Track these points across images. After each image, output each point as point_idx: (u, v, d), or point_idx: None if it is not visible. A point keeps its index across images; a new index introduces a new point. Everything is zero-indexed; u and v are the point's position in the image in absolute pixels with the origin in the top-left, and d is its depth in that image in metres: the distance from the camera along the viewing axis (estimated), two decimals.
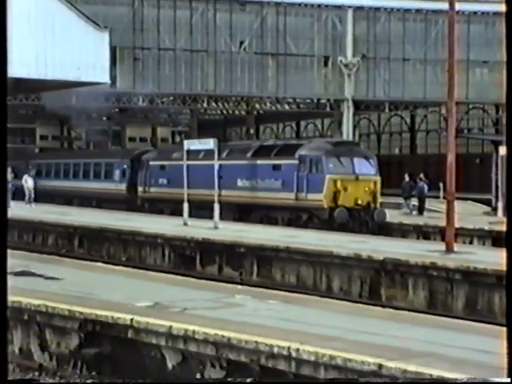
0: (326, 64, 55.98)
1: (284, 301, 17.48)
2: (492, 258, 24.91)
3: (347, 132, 55.56)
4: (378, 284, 24.93)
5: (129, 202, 49.71)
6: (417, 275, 24.27)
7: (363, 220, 38.25)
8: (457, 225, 29.83)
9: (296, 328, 13.91)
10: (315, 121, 72.54)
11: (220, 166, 41.50)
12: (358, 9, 55.88)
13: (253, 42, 54.59)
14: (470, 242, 34.92)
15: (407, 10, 56.39)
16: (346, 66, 55.58)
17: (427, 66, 54.33)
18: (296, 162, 40.36)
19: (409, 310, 19.51)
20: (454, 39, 27.81)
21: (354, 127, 59.42)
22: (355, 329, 14.21)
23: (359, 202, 38.55)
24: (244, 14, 54.49)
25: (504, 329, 13.65)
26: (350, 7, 55.68)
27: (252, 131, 71.29)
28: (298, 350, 12.24)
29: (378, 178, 40.33)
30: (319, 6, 55.52)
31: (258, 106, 60.59)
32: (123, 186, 53.06)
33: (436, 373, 10.98)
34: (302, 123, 74.53)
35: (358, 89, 56.24)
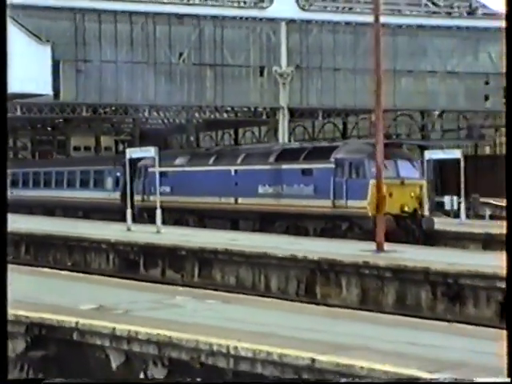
0: (261, 74, 56.16)
1: (223, 301, 17.54)
2: (420, 256, 25.26)
3: (283, 139, 55.76)
4: (313, 283, 25.04)
5: (123, 212, 44.75)
6: (350, 274, 24.43)
7: (410, 228, 34.21)
8: None
9: (234, 326, 13.96)
10: (252, 128, 72.61)
11: (235, 171, 40.16)
12: (290, 22, 56.19)
13: (191, 54, 54.68)
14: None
15: (337, 23, 56.86)
16: (280, 75, 55.80)
17: (357, 75, 54.70)
18: (332, 165, 35.82)
19: (342, 307, 19.70)
20: (380, 50, 28.09)
21: (290, 134, 59.62)
22: (291, 326, 14.30)
23: (405, 208, 34.49)
24: (182, 27, 54.53)
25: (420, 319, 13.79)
26: (283, 20, 55.96)
27: (192, 139, 71.39)
28: (236, 347, 12.29)
29: (424, 182, 36.62)
30: (254, 19, 55.74)
31: (197, 114, 60.65)
32: (117, 195, 48.54)
33: (366, 365, 11.10)
34: (240, 130, 74.51)
35: (293, 97, 56.48)
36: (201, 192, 40.96)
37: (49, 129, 77.50)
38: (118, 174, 48.48)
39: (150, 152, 36.04)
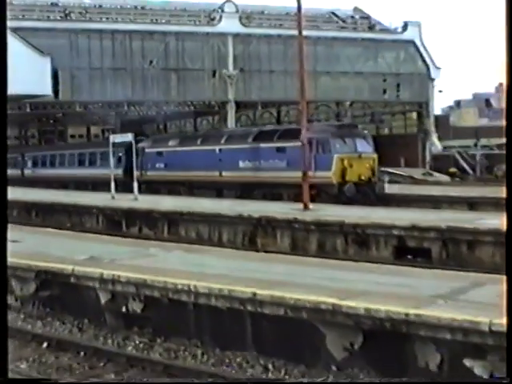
0: (214, 76, 55.98)
1: (186, 251, 17.55)
2: (338, 213, 25.33)
3: (231, 125, 55.74)
4: (255, 235, 25.07)
5: (125, 185, 42.97)
6: (283, 227, 24.49)
7: (366, 193, 33.13)
8: None
9: (195, 270, 14.00)
10: (207, 117, 72.40)
11: (220, 150, 38.77)
12: (235, 35, 56.08)
13: (159, 61, 54.43)
14: None
15: (271, 36, 56.87)
16: (228, 76, 55.66)
17: (287, 76, 54.59)
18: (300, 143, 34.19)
19: (277, 253, 19.79)
20: (304, 56, 28.22)
21: (236, 121, 59.49)
22: (238, 268, 14.36)
23: (362, 177, 33.45)
24: (152, 41, 54.30)
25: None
26: (229, 34, 55.91)
27: (161, 127, 71.12)
28: (195, 285, 12.35)
29: (376, 156, 35.26)
30: (207, 33, 55.60)
31: (165, 107, 60.58)
32: (119, 171, 45.39)
33: (295, 296, 11.18)
34: (198, 119, 74.21)
35: (238, 93, 56.38)
36: (190, 167, 39.74)
37: (51, 121, 77.00)
38: (120, 154, 46.22)
39: (128, 137, 35.80)
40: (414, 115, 64.21)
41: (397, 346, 10.09)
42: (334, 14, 63.18)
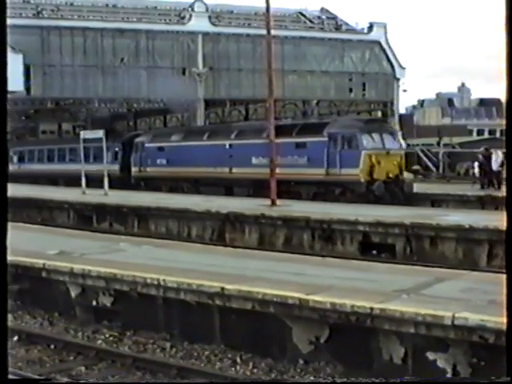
0: (183, 73, 55.78)
1: (155, 245, 17.50)
2: (303, 209, 25.38)
3: (200, 122, 55.60)
4: (223, 230, 25.04)
5: (122, 181, 40.87)
6: (251, 223, 24.48)
7: (394, 192, 30.59)
8: None
9: (164, 264, 13.95)
10: (177, 114, 72.17)
11: (230, 145, 35.76)
12: (205, 34, 55.91)
13: (130, 59, 54.15)
14: None
15: (240, 35, 56.80)
16: (198, 74, 55.48)
17: (255, 74, 54.54)
18: (325, 139, 31.73)
19: (245, 248, 19.78)
20: (272, 55, 28.19)
21: (205, 118, 59.33)
22: (207, 263, 14.32)
23: (390, 175, 30.76)
24: (123, 39, 53.96)
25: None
26: (199, 33, 55.71)
27: (131, 123, 70.81)
28: (164, 280, 12.30)
29: (403, 152, 33.46)
30: (177, 32, 55.36)
31: (135, 105, 60.33)
32: (116, 167, 43.15)
33: (261, 290, 11.18)
34: (168, 116, 73.96)
35: (207, 91, 56.25)
36: (196, 163, 36.76)
37: (23, 118, 76.32)
38: (117, 149, 43.99)
39: (99, 134, 35.53)
40: (379, 114, 64.46)
41: (362, 340, 10.12)
42: (301, 14, 63.25)
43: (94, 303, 13.40)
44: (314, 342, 10.67)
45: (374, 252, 21.11)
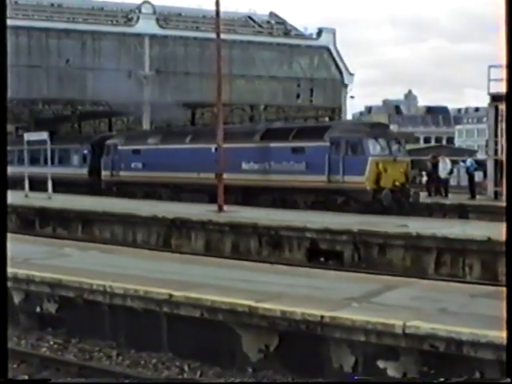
0: (130, 76, 55.50)
1: (101, 251, 17.34)
2: (251, 215, 25.37)
3: (146, 126, 55.38)
4: (169, 236, 24.91)
5: (90, 186, 39.04)
6: (197, 229, 24.39)
7: (400, 201, 28.74)
8: None
9: (110, 270, 13.84)
10: (122, 117, 71.73)
11: (216, 149, 31.51)
12: (152, 36, 55.70)
13: (76, 60, 53.71)
14: None
15: (187, 38, 56.73)
16: (144, 77, 55.29)
17: (203, 78, 54.50)
18: (326, 144, 29.66)
19: (192, 254, 19.71)
20: (220, 59, 28.18)
21: (151, 122, 59.06)
22: (154, 269, 14.24)
23: (396, 183, 28.82)
24: (69, 40, 53.51)
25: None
26: (146, 35, 55.49)
27: (76, 126, 70.19)
28: (111, 286, 12.19)
29: (409, 160, 31.95)
30: (124, 33, 55.08)
31: (80, 107, 59.85)
32: (84, 171, 41.34)
33: (210, 297, 11.13)
34: (113, 119, 73.45)
35: (153, 94, 56.02)
36: (176, 168, 34.51)
37: None
38: (85, 151, 42.01)
39: (42, 136, 35.15)
40: (327, 120, 64.87)
41: (312, 348, 10.13)
42: (250, 18, 63.38)
43: (38, 310, 13.21)
44: (263, 350, 10.65)
45: (322, 259, 21.18)
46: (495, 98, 33.30)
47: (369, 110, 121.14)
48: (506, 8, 4.00)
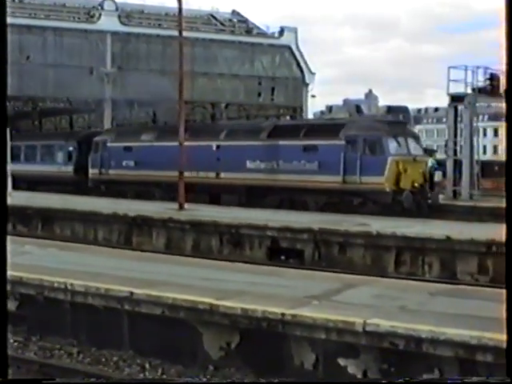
0: (91, 73, 55.17)
1: (61, 248, 17.24)
2: (212, 213, 25.33)
3: (107, 123, 55.08)
4: (130, 234, 24.81)
5: (76, 184, 37.01)
6: (158, 227, 24.32)
7: (419, 203, 27.54)
8: None
9: (71, 268, 13.76)
10: (84, 115, 71.27)
11: (218, 147, 31.68)
12: (114, 33, 55.47)
13: (37, 57, 53.29)
14: None
15: (150, 35, 56.60)
16: (106, 74, 54.99)
17: (165, 76, 54.37)
18: (341, 142, 28.04)
19: (153, 252, 19.64)
20: (183, 57, 28.17)
21: (112, 119, 58.75)
22: (114, 267, 14.21)
23: (415, 184, 27.39)
24: (30, 35, 53.06)
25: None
26: (108, 32, 55.23)
27: (36, 123, 69.55)
28: (72, 284, 12.13)
29: (428, 159, 30.91)
30: (86, 30, 54.77)
31: (41, 103, 59.37)
32: (69, 169, 39.26)
33: (171, 295, 11.12)
34: (74, 116, 72.96)
35: (115, 91, 55.75)
36: (172, 166, 30.96)
37: None
38: (71, 148, 39.83)
39: None
40: (288, 119, 65.03)
41: (273, 346, 10.16)
42: (212, 16, 63.33)
43: None
44: (224, 347, 10.66)
45: (283, 257, 21.22)
46: (454, 99, 33.63)
47: (330, 109, 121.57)
48: (506, 8, 4.01)
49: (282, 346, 10.10)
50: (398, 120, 36.41)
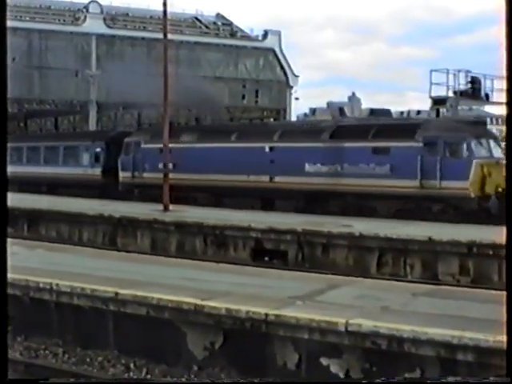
0: (76, 75, 55.07)
1: (48, 249, 17.20)
2: (197, 214, 25.33)
3: (92, 125, 54.98)
4: (115, 235, 24.77)
5: (104, 188, 34.43)
6: (143, 228, 24.30)
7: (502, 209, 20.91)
8: None
9: (57, 269, 13.73)
10: (69, 116, 71.08)
11: (271, 148, 29.30)
12: (99, 36, 55.40)
13: (22, 58, 53.11)
14: None
15: (135, 38, 56.58)
16: (91, 76, 54.88)
17: (150, 78, 54.24)
18: (419, 144, 25.69)
19: (138, 253, 19.62)
20: (167, 59, 28.18)
21: (97, 121, 58.62)
22: (100, 267, 14.19)
23: (499, 189, 23.91)
24: (15, 37, 52.74)
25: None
26: (93, 35, 55.15)
27: (22, 124, 69.32)
28: (57, 284, 12.11)
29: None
30: (71, 33, 54.66)
31: (26, 105, 59.18)
32: (97, 171, 36.25)
33: (156, 295, 11.12)
34: (60, 118, 72.73)
35: (100, 93, 55.64)
36: (218, 169, 30.15)
37: None
38: (98, 149, 36.84)
39: None
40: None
41: (257, 346, 10.18)
42: (197, 19, 63.34)
43: None
44: (208, 347, 10.67)
45: (267, 258, 21.25)
46: (436, 102, 33.76)
47: (313, 111, 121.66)
48: (506, 8, 4.01)
49: (265, 346, 10.12)
50: (479, 120, 32.93)
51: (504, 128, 4.55)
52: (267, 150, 29.27)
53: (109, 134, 40.19)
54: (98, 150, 36.86)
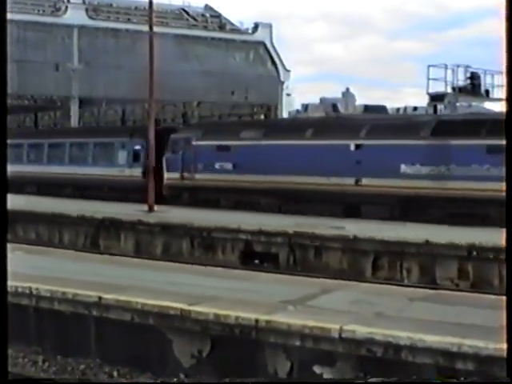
0: (57, 69, 54.90)
1: (27, 252, 17.12)
2: (182, 215, 25.34)
3: (74, 122, 54.83)
4: (97, 237, 24.74)
5: (146, 191, 29.06)
6: (127, 229, 24.28)
7: None
8: None
9: (36, 273, 13.67)
10: (49, 112, 70.91)
11: (357, 146, 26.98)
12: (81, 28, 55.23)
13: None
14: None
15: (118, 30, 56.44)
16: (73, 70, 54.72)
17: (134, 72, 54.19)
18: None
19: (121, 255, 19.59)
20: (153, 53, 28.11)
21: (79, 118, 58.49)
22: (82, 271, 14.13)
23: None
24: None
25: None
26: (75, 26, 54.97)
27: None
28: (37, 288, 12.06)
29: None
30: (51, 24, 54.51)
31: None
32: (136, 172, 33.44)
33: (140, 300, 11.09)
34: (39, 114, 72.60)
35: (82, 88, 55.48)
36: (290, 170, 28.06)
37: None
38: (138, 147, 33.97)
39: None
40: (262, 118, 64.99)
41: (246, 353, 10.16)
42: (184, 10, 63.26)
43: None
44: (196, 355, 10.65)
45: (257, 261, 21.24)
46: (434, 98, 33.81)
47: (305, 107, 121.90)
48: (506, 8, 3.98)
49: (255, 354, 10.10)
50: None
51: None
52: (352, 148, 27.26)
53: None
54: (138, 147, 34.14)
